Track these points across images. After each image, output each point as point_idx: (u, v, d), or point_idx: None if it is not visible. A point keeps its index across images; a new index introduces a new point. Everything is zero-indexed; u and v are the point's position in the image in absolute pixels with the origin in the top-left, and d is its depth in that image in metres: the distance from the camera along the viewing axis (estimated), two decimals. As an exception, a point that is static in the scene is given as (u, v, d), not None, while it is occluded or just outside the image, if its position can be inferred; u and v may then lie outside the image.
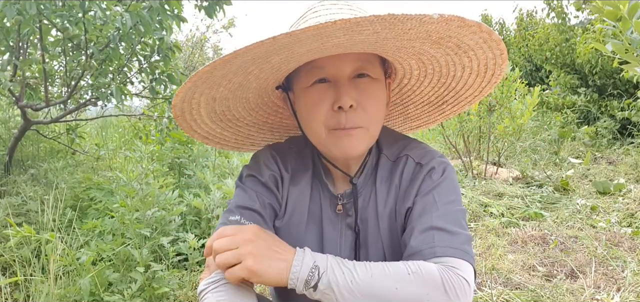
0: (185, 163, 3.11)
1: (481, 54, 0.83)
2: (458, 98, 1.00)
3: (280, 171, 0.95)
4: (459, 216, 0.83)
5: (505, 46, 0.86)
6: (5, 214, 2.06)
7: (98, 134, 4.43)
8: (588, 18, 6.38)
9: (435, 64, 0.90)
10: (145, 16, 2.04)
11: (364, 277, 0.74)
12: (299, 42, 0.72)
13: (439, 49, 0.83)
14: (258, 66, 0.81)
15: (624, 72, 3.62)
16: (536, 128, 5.70)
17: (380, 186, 0.91)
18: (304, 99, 0.87)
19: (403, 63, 0.92)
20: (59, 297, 1.63)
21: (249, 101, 0.98)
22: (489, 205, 3.23)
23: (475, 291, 2.03)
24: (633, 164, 4.32)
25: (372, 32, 0.71)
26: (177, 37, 6.28)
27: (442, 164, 0.89)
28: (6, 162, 2.67)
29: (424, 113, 1.08)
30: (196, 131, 1.00)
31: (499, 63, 0.86)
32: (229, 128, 1.04)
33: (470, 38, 0.78)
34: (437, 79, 0.95)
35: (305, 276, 0.75)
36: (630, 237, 2.55)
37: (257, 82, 0.90)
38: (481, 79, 0.92)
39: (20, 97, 2.40)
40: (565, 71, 6.41)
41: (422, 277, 0.73)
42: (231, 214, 0.88)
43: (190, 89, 0.84)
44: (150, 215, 2.00)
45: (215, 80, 0.83)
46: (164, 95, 2.74)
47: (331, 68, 0.83)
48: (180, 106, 0.89)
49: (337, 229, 0.92)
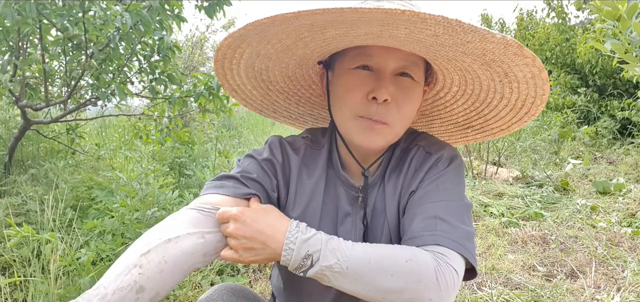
0: (185, 163, 3.12)
1: (524, 88, 0.82)
2: (485, 127, 0.98)
3: (287, 158, 0.94)
4: (463, 211, 0.83)
5: (538, 114, 0.86)
6: (5, 214, 2.07)
7: (98, 134, 4.43)
8: (588, 18, 6.38)
9: (477, 86, 0.89)
10: (145, 16, 2.04)
11: (360, 263, 0.74)
12: (362, 22, 0.71)
13: (486, 72, 0.82)
14: (312, 34, 0.80)
15: (624, 72, 3.62)
16: (536, 128, 5.70)
17: (390, 176, 0.91)
18: (343, 80, 0.86)
19: (446, 75, 0.90)
20: (59, 297, 1.63)
21: (288, 67, 0.97)
22: (489, 205, 3.23)
23: (475, 291, 2.03)
24: (633, 164, 4.32)
25: (433, 34, 0.70)
26: (176, 37, 6.29)
27: (451, 155, 0.89)
28: (6, 162, 2.67)
29: (447, 132, 1.07)
30: (228, 81, 0.99)
31: (537, 104, 0.84)
32: (259, 87, 1.02)
33: (521, 70, 0.77)
34: (472, 102, 0.94)
35: (296, 264, 0.75)
36: (630, 237, 2.55)
37: (304, 51, 0.89)
38: (513, 114, 0.91)
39: (20, 97, 2.40)
40: (565, 71, 6.41)
41: (417, 265, 0.73)
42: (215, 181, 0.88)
43: (242, 35, 0.81)
44: (150, 215, 2.00)
45: (267, 36, 0.81)
46: (164, 95, 2.74)
47: (378, 58, 0.83)
48: (224, 51, 0.87)
49: (350, 222, 0.92)
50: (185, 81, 2.71)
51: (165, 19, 2.22)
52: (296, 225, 0.78)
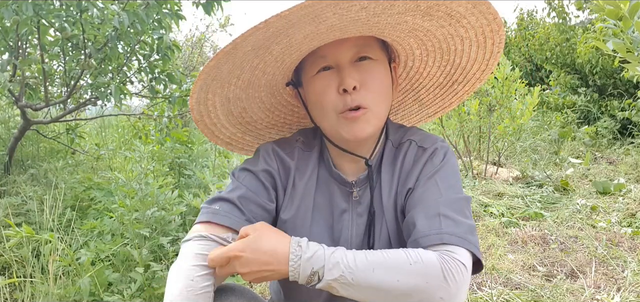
0: (185, 163, 3.11)
1: (474, 20, 0.84)
2: (466, 75, 1.00)
3: (282, 165, 0.95)
4: (463, 205, 0.84)
5: (504, 39, 0.87)
6: (5, 214, 2.06)
7: (98, 134, 4.42)
8: (589, 18, 6.38)
9: (434, 40, 0.91)
10: (141, 14, 2.04)
11: (366, 272, 0.74)
12: (292, 26, 0.74)
13: (431, 21, 0.84)
14: (261, 58, 0.83)
15: (625, 71, 3.62)
16: (536, 128, 5.70)
17: (385, 172, 0.93)
18: (312, 88, 0.90)
19: (402, 43, 0.93)
20: (59, 297, 1.63)
21: (263, 101, 0.99)
22: (489, 205, 3.22)
23: (475, 291, 2.02)
24: (633, 164, 4.32)
25: (360, 8, 0.73)
26: (176, 37, 6.28)
27: (443, 148, 0.91)
28: (6, 162, 2.67)
29: (438, 97, 1.08)
30: (218, 137, 1.01)
31: (495, 29, 0.86)
32: (249, 132, 1.05)
33: (458, 4, 0.79)
34: (441, 56, 0.96)
35: (305, 281, 0.77)
36: (631, 237, 2.55)
37: (266, 78, 0.91)
38: (483, 51, 0.92)
39: (20, 97, 2.39)
40: (565, 71, 6.41)
41: (423, 266, 0.74)
42: (212, 203, 0.89)
43: (202, 88, 0.85)
44: (149, 215, 1.99)
45: (223, 78, 0.84)
46: (163, 95, 2.74)
47: (332, 55, 0.87)
48: (197, 109, 0.91)
49: (347, 218, 0.93)
50: (185, 81, 2.71)
51: (164, 18, 2.21)
52: (297, 244, 0.78)
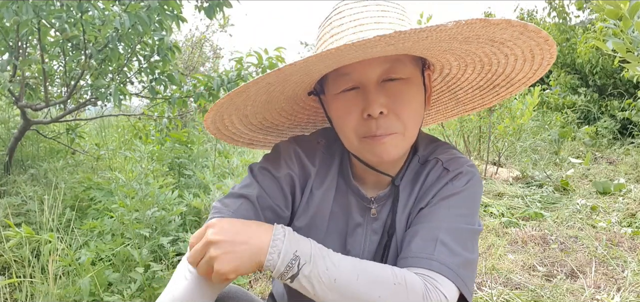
0: (185, 163, 3.11)
1: (521, 42, 0.75)
2: (510, 81, 0.91)
3: (303, 169, 0.90)
4: (468, 236, 0.79)
5: (555, 55, 0.79)
6: (5, 214, 2.06)
7: (98, 134, 4.42)
8: (589, 18, 6.38)
9: (474, 57, 0.83)
10: (142, 16, 2.04)
11: (349, 277, 0.70)
12: (312, 64, 0.68)
13: (470, 45, 0.77)
14: (279, 86, 0.77)
15: (625, 71, 3.62)
16: (536, 128, 5.70)
17: (404, 189, 0.87)
18: (334, 106, 0.82)
19: (440, 58, 0.85)
20: (59, 297, 1.63)
21: (284, 110, 0.94)
22: (489, 205, 3.22)
23: (475, 291, 2.02)
24: (633, 164, 4.32)
25: (385, 44, 0.66)
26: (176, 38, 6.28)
27: (469, 174, 0.84)
28: (6, 162, 2.67)
29: (476, 96, 1.00)
30: (238, 140, 0.97)
31: (546, 48, 0.76)
32: (270, 133, 1.00)
33: (502, 34, 0.71)
34: (480, 68, 0.88)
35: (282, 269, 0.70)
36: (631, 237, 2.55)
37: (285, 95, 0.86)
38: (530, 64, 0.83)
39: (20, 97, 2.39)
40: (565, 71, 6.40)
41: (405, 290, 0.70)
42: (226, 198, 0.86)
43: (217, 112, 0.81)
44: (149, 215, 1.99)
45: (237, 105, 0.80)
46: (163, 96, 2.74)
47: (357, 74, 0.78)
48: (214, 126, 0.87)
49: (361, 233, 0.88)
50: (185, 82, 2.71)
51: (165, 19, 2.21)
52: (282, 227, 0.74)
